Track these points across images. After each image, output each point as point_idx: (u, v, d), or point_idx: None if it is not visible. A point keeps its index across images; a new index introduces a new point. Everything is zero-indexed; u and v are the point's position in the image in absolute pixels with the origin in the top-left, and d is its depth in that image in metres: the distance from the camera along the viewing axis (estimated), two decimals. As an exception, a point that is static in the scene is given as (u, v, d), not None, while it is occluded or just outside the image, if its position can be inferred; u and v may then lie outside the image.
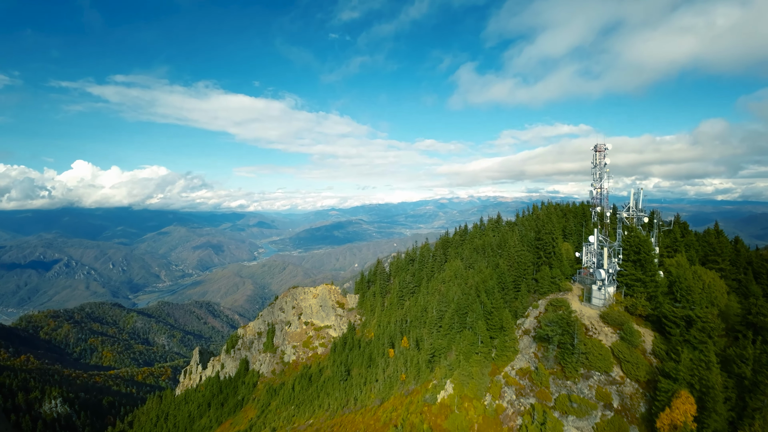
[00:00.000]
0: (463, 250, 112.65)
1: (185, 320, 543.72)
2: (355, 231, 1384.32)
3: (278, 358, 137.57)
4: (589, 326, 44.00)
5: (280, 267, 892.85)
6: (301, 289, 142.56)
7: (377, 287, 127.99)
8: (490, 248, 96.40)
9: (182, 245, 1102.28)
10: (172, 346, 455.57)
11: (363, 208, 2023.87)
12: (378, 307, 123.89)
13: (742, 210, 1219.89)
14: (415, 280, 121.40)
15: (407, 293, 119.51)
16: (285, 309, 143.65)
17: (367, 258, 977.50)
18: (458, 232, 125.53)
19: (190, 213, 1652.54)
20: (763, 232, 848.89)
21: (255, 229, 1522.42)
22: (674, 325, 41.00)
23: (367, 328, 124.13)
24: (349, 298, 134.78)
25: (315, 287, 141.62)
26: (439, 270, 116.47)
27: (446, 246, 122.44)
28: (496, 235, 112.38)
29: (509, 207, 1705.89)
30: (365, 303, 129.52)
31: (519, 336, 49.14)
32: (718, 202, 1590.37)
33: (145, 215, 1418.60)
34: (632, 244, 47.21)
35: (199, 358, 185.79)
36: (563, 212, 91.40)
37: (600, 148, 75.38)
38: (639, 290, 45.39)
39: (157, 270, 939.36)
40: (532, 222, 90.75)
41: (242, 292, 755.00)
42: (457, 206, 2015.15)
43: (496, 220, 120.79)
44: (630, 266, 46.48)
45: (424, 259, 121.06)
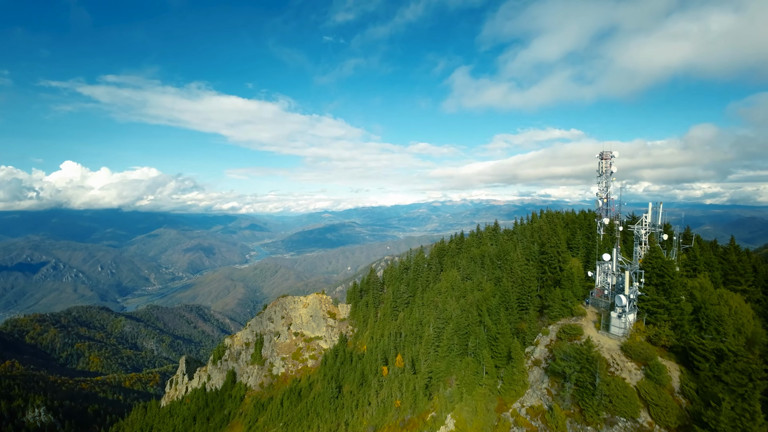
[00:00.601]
0: (460, 260, 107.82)
1: (175, 324, 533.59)
2: (348, 234, 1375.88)
3: (266, 370, 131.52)
4: (610, 361, 38.98)
5: (272, 270, 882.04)
6: (291, 299, 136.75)
7: (370, 297, 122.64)
8: (489, 259, 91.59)
9: (172, 248, 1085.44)
10: (161, 351, 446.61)
11: (356, 211, 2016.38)
12: (371, 318, 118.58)
13: (731, 214, 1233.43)
14: (409, 290, 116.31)
15: (401, 304, 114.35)
16: (274, 319, 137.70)
17: (360, 261, 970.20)
18: (454, 239, 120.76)
19: (180, 215, 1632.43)
20: (752, 235, 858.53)
21: (247, 232, 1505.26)
22: (703, 360, 36.37)
23: (360, 340, 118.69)
24: (340, 308, 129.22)
25: (305, 296, 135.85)
26: (435, 280, 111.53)
27: (442, 254, 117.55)
28: (494, 244, 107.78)
29: (501, 210, 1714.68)
30: (357, 313, 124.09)
31: (528, 367, 44.05)
32: (707, 206, 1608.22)
33: (135, 217, 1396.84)
34: (654, 266, 42.51)
35: (185, 367, 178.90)
36: (565, 222, 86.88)
37: (606, 155, 70.86)
38: (662, 318, 40.57)
39: (147, 273, 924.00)
40: (533, 232, 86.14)
41: (233, 296, 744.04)
42: (450, 209, 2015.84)
43: (493, 228, 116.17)
44: (652, 290, 41.69)
45: (419, 268, 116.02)
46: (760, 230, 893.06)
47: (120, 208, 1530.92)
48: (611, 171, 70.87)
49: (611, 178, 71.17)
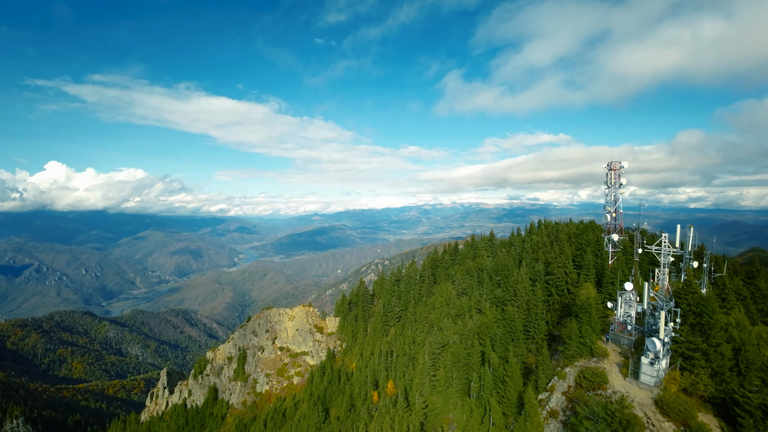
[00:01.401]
0: (455, 272, 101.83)
1: (160, 329, 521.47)
2: (339, 236, 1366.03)
3: (250, 387, 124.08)
4: (645, 420, 33.02)
5: (261, 273, 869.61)
6: (276, 311, 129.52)
7: (359, 310, 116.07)
8: (487, 274, 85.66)
9: (159, 250, 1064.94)
10: (146, 356, 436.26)
11: (346, 214, 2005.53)
12: (360, 333, 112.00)
13: (715, 218, 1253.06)
14: (401, 303, 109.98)
15: (392, 318, 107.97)
16: (258, 332, 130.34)
17: (351, 264, 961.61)
18: (448, 250, 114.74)
19: (168, 217, 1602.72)
20: (736, 239, 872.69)
21: (236, 235, 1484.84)
22: (747, 415, 30.85)
23: (348, 356, 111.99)
24: (328, 322, 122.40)
25: (291, 309, 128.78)
26: (428, 293, 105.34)
27: (435, 265, 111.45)
28: (490, 256, 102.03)
29: (491, 214, 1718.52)
30: (346, 327, 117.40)
31: (543, 419, 37.98)
32: (691, 210, 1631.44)
33: (121, 219, 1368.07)
34: (690, 302, 36.70)
35: (166, 380, 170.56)
36: (568, 235, 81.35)
37: (614, 166, 65.42)
38: (699, 364, 34.81)
39: (133, 276, 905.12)
40: (534, 247, 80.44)
41: (221, 300, 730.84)
42: (441, 212, 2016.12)
43: (489, 238, 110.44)
44: (687, 331, 35.96)
45: (411, 280, 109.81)
46: (744, 234, 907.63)
47: (105, 210, 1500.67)
48: (620, 183, 65.49)
49: (620, 190, 65.78)
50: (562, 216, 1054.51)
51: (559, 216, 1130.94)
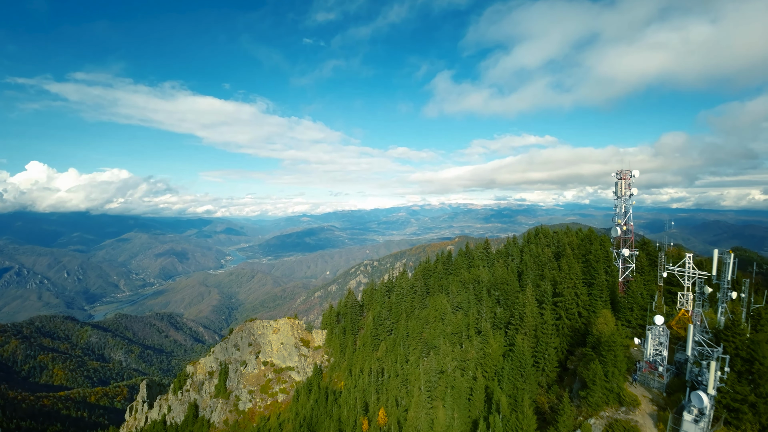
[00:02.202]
0: (449, 284, 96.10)
1: (144, 334, 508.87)
2: (328, 238, 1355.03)
3: (232, 404, 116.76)
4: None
5: (249, 275, 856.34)
6: (259, 323, 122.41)
7: (348, 322, 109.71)
8: (484, 288, 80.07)
9: (143, 253, 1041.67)
10: (130, 362, 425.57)
11: (335, 215, 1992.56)
12: (349, 347, 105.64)
13: (696, 218, 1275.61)
14: (392, 315, 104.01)
15: (383, 332, 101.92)
16: (240, 346, 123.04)
17: (340, 265, 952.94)
18: (441, 258, 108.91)
19: (152, 219, 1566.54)
20: (716, 238, 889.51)
21: (222, 236, 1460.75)
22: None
23: (336, 372, 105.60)
24: (314, 335, 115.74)
25: (275, 321, 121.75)
26: (421, 305, 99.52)
27: (427, 275, 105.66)
28: (486, 266, 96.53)
29: (479, 214, 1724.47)
30: (334, 341, 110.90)
31: (567, 485, 32.74)
32: (674, 210, 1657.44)
33: (104, 221, 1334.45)
34: (738, 346, 31.27)
35: (146, 393, 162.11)
36: (571, 246, 76.07)
37: (624, 175, 59.97)
38: (747, 418, 29.46)
39: (116, 279, 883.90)
40: (536, 259, 75.01)
41: (207, 302, 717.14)
42: (429, 213, 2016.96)
43: (484, 246, 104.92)
44: (733, 379, 30.61)
45: (402, 291, 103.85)
46: (724, 233, 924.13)
47: (88, 211, 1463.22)
48: (631, 193, 60.19)
49: (631, 201, 60.57)
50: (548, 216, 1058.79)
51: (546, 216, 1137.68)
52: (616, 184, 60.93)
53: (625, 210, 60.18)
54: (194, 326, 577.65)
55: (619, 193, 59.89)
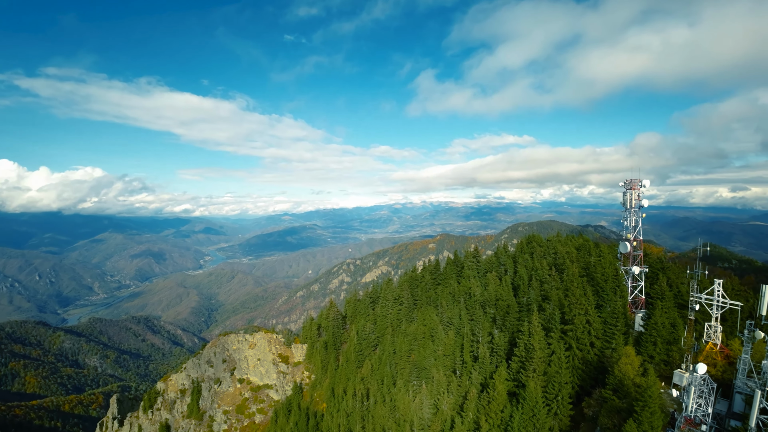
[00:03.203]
0: (438, 295, 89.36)
1: (120, 338, 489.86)
2: (310, 236, 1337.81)
3: (206, 426, 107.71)
4: None
5: (229, 276, 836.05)
6: (234, 337, 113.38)
7: (329, 336, 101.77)
8: (477, 303, 73.48)
9: (119, 254, 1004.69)
10: (105, 367, 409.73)
11: (317, 213, 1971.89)
12: (331, 364, 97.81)
13: (666, 214, 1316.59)
14: (377, 329, 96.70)
15: (368, 347, 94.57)
16: (214, 362, 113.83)
17: (322, 264, 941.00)
18: (428, 268, 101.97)
19: (128, 218, 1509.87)
20: (686, 234, 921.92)
21: (201, 236, 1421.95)
22: None
23: (318, 391, 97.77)
24: (294, 350, 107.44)
25: (251, 335, 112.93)
26: (408, 319, 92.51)
27: (414, 285, 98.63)
28: (476, 276, 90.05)
29: (459, 212, 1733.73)
30: (315, 356, 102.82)
31: None
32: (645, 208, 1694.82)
33: (77, 221, 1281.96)
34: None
35: (117, 409, 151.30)
36: (571, 259, 70.07)
37: (634, 185, 53.74)
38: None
39: (90, 281, 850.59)
40: (533, 273, 68.67)
41: (186, 304, 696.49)
42: (411, 211, 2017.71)
43: (474, 254, 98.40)
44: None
45: (387, 303, 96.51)
46: (693, 229, 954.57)
47: (60, 211, 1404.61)
48: (641, 204, 54.05)
49: (641, 214, 54.44)
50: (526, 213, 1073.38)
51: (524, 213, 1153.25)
52: (624, 194, 54.92)
53: (635, 224, 54.11)
54: (172, 329, 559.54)
55: (628, 204, 53.86)
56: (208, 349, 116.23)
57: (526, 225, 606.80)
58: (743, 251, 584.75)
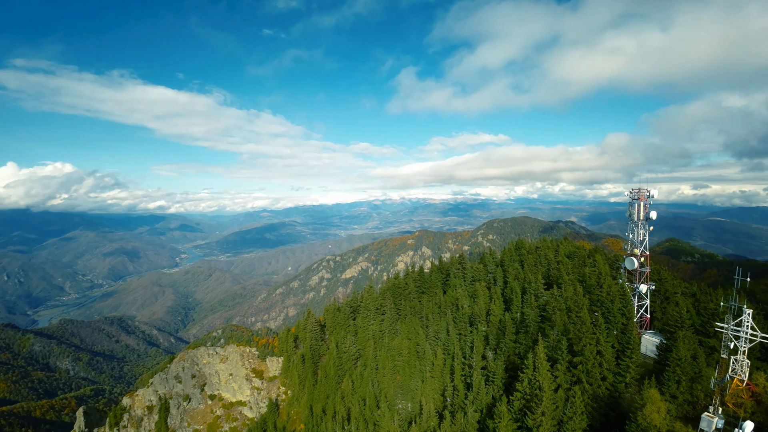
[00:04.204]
0: (423, 306, 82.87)
1: (93, 339, 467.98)
2: (289, 233, 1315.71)
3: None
4: None
5: (206, 273, 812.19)
6: (203, 350, 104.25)
7: (307, 349, 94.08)
8: (465, 316, 67.37)
9: (90, 252, 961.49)
10: (78, 370, 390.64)
11: (297, 210, 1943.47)
12: (309, 379, 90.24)
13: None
14: (358, 341, 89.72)
15: (348, 361, 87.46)
16: (182, 378, 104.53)
17: (302, 261, 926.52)
18: (412, 275, 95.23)
19: (100, 215, 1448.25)
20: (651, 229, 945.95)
21: (177, 233, 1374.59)
22: None
23: (295, 407, 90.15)
24: (269, 363, 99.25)
25: (223, 347, 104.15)
26: (391, 331, 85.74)
27: (397, 294, 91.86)
28: (462, 286, 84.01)
29: (437, 208, 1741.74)
30: (292, 370, 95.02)
31: None
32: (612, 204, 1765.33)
33: (47, 218, 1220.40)
34: None
35: (84, 422, 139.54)
36: (566, 271, 64.51)
37: (642, 195, 47.95)
38: None
39: (61, 281, 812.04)
40: (528, 286, 62.80)
41: (162, 303, 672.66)
42: (390, 207, 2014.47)
43: (459, 260, 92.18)
44: None
45: (369, 313, 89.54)
46: (656, 224, 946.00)
47: (29, 209, 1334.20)
48: (648, 216, 48.36)
49: (649, 228, 48.80)
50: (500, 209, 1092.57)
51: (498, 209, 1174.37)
52: (630, 206, 49.14)
53: (643, 237, 48.49)
54: (147, 329, 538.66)
55: (635, 216, 48.09)
56: (176, 364, 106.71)
57: (501, 221, 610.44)
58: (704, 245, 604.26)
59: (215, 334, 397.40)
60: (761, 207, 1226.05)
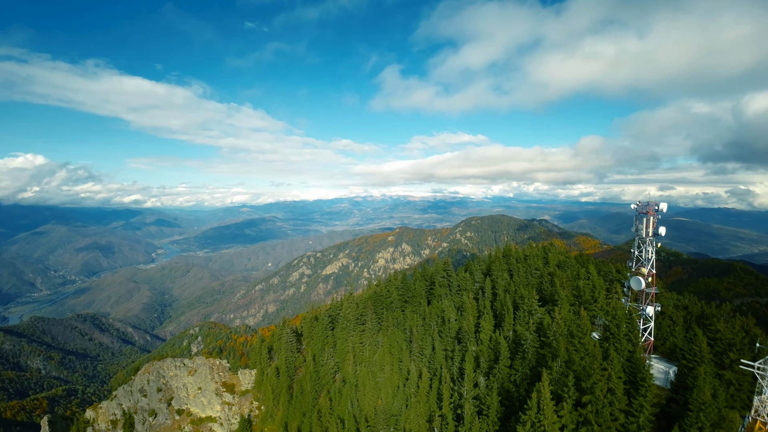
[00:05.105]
0: (406, 317, 76.84)
1: (65, 337, 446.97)
2: (269, 229, 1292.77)
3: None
4: None
5: (183, 269, 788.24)
6: (170, 362, 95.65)
7: (282, 361, 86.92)
8: (452, 329, 61.72)
9: (63, 247, 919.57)
10: (50, 369, 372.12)
11: (277, 205, 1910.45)
12: (284, 394, 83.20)
13: (601, 210, 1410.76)
14: (336, 354, 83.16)
15: (326, 375, 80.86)
16: (147, 391, 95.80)
17: (282, 256, 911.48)
18: (394, 283, 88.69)
19: (72, 209, 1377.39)
20: (618, 227, 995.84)
21: (153, 228, 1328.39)
22: None
23: (269, 425, 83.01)
24: (241, 376, 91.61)
25: (191, 358, 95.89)
26: (371, 343, 79.51)
27: (378, 303, 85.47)
28: (448, 295, 78.45)
29: (417, 206, 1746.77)
30: (265, 384, 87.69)
31: None
32: (583, 203, 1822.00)
33: (17, 212, 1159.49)
34: None
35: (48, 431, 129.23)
36: (561, 285, 59.35)
37: (650, 209, 42.74)
38: None
39: (32, 277, 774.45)
40: (521, 301, 57.44)
41: (137, 300, 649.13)
42: (371, 204, 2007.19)
43: (444, 267, 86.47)
44: None
45: (349, 324, 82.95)
46: (624, 224, 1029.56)
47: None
48: (657, 231, 43.22)
49: (657, 245, 43.72)
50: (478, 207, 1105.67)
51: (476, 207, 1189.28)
52: (636, 220, 43.95)
53: (651, 254, 43.39)
54: (122, 327, 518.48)
55: (644, 232, 42.84)
56: (141, 376, 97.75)
57: (479, 219, 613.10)
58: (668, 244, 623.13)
59: (192, 331, 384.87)
60: (722, 208, 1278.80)
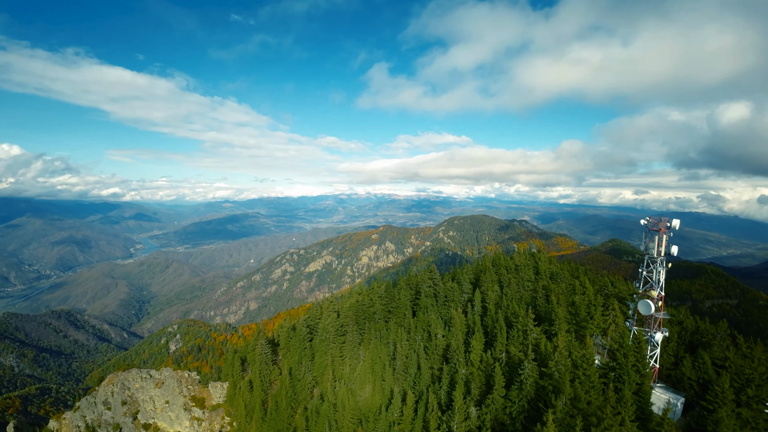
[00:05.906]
0: (389, 333, 71.34)
1: (39, 334, 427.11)
2: (252, 225, 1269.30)
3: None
4: None
5: (163, 265, 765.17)
6: (136, 373, 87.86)
7: (256, 374, 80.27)
8: (439, 346, 56.59)
9: (38, 240, 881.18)
10: (23, 367, 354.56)
11: (261, 201, 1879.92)
12: (257, 410, 76.74)
13: (578, 212, 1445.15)
14: (315, 367, 77.10)
15: (303, 389, 74.73)
16: (111, 404, 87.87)
17: (265, 253, 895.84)
18: (377, 291, 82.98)
19: (48, 202, 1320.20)
20: (594, 229, 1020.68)
21: (132, 222, 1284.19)
22: None
23: (240, 443, 76.50)
24: (212, 389, 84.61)
25: (158, 369, 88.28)
26: (352, 356, 73.85)
27: (360, 314, 79.72)
28: (434, 305, 73.28)
29: (401, 204, 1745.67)
30: (237, 398, 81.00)
31: None
32: (561, 205, 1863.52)
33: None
34: None
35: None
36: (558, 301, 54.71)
37: (662, 226, 38.15)
38: None
39: (5, 271, 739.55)
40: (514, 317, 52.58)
41: (114, 296, 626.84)
42: (356, 202, 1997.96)
43: (430, 275, 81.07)
44: None
45: (328, 336, 76.98)
46: (600, 225, 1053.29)
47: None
48: (669, 251, 38.61)
49: (667, 266, 39.15)
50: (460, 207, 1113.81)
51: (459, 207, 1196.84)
52: (647, 235, 39.36)
53: (659, 276, 38.81)
54: (98, 323, 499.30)
55: (655, 251, 38.14)
56: (105, 388, 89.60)
57: (461, 218, 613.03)
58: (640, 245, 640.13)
59: (171, 329, 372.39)
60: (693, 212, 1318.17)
